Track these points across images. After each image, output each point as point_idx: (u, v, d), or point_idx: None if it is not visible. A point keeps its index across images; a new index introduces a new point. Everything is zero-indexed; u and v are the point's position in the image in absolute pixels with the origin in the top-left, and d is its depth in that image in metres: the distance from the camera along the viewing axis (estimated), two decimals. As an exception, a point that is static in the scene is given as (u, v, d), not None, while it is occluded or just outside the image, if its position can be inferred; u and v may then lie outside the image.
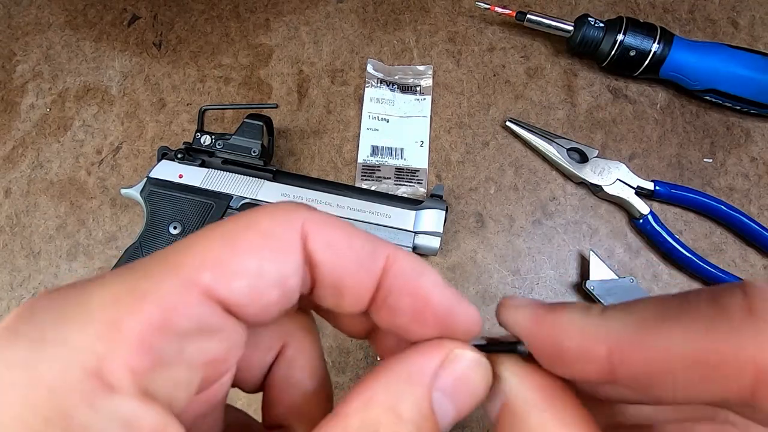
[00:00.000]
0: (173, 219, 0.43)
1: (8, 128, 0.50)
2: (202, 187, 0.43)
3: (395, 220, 0.43)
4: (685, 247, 0.44)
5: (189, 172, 0.44)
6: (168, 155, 0.45)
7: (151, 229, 0.42)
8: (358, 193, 0.44)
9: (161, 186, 0.43)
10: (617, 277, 0.43)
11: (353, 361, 0.44)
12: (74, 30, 0.53)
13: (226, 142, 0.44)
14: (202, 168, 0.44)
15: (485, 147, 0.49)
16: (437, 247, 0.43)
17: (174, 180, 0.43)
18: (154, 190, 0.43)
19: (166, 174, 0.43)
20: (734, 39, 0.52)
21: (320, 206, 0.43)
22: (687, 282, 0.46)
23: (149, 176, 0.44)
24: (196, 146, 0.44)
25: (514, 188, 0.48)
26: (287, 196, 0.44)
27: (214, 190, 0.43)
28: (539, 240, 0.47)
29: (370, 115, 0.49)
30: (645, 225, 0.45)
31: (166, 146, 0.45)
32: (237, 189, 0.44)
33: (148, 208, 0.43)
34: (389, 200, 0.44)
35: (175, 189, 0.43)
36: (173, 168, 0.44)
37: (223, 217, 0.42)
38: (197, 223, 0.43)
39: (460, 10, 0.53)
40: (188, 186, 0.43)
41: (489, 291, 0.45)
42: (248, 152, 0.44)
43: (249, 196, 0.44)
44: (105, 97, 0.51)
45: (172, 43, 0.52)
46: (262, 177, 0.44)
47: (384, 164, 0.48)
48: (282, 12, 0.53)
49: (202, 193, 0.43)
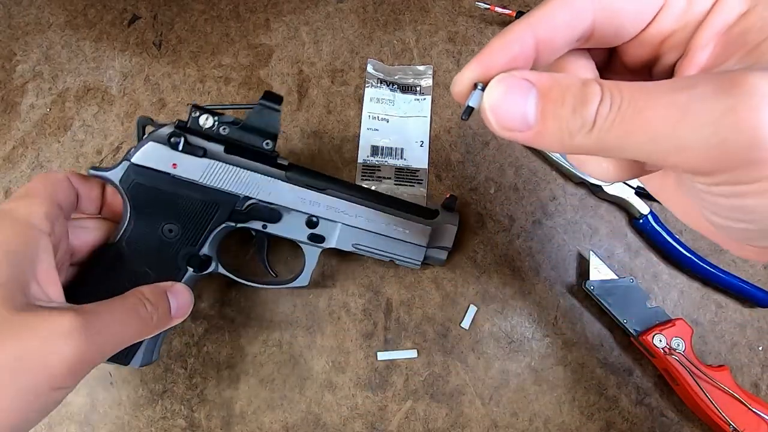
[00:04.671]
0: (167, 219, 0.35)
1: (8, 128, 0.50)
2: (202, 183, 0.36)
3: (411, 235, 0.41)
4: (685, 247, 0.44)
5: (185, 163, 0.35)
6: (156, 134, 0.35)
7: (138, 230, 0.35)
8: (375, 200, 0.40)
9: (149, 177, 0.35)
10: (617, 277, 0.43)
11: (353, 361, 0.44)
12: (74, 30, 0.53)
13: (234, 128, 0.36)
14: (202, 159, 0.35)
15: (485, 147, 0.49)
16: (444, 258, 0.43)
17: (166, 170, 0.35)
18: (140, 182, 0.34)
19: (156, 161, 0.34)
20: (734, 39, 0.52)
21: (338, 215, 0.39)
22: (687, 282, 0.46)
23: (132, 161, 0.34)
24: (194, 127, 0.35)
25: (514, 188, 0.48)
26: (304, 201, 0.38)
27: (218, 188, 0.36)
28: (539, 240, 0.47)
29: (370, 115, 0.49)
30: (645, 225, 0.45)
31: (147, 117, 0.36)
32: (245, 188, 0.37)
33: (131, 202, 0.35)
34: (405, 209, 0.41)
35: (168, 183, 0.35)
36: (165, 154, 0.35)
37: (229, 221, 0.37)
38: (198, 228, 0.36)
39: (460, 10, 0.53)
40: (184, 180, 0.35)
41: (489, 291, 0.45)
42: (259, 142, 0.36)
43: (258, 198, 0.37)
44: (105, 97, 0.50)
45: (172, 43, 0.52)
46: (274, 175, 0.37)
47: (384, 164, 0.48)
48: (282, 12, 0.53)
49: (201, 191, 0.36)
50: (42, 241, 0.28)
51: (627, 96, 0.17)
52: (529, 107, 0.18)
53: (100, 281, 0.35)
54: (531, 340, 0.45)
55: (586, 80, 0.18)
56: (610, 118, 0.17)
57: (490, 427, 0.43)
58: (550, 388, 0.44)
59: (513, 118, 0.19)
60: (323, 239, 0.40)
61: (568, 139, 0.18)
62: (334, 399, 0.43)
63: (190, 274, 0.37)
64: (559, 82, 0.19)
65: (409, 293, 0.45)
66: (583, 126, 0.18)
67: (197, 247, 0.37)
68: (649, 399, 0.43)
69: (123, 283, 0.33)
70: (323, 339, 0.44)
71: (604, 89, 0.18)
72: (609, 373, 0.44)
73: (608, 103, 0.17)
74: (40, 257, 0.28)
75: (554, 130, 0.18)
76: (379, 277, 0.46)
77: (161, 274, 0.35)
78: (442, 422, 0.43)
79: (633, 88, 0.17)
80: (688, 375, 0.40)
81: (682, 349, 0.41)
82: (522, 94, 0.19)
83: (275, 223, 0.39)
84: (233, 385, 0.43)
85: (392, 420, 0.43)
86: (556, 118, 0.18)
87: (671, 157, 0.17)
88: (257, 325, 0.44)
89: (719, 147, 0.16)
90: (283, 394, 0.43)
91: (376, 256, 0.42)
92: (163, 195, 0.35)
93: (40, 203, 0.30)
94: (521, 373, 0.44)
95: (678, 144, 0.16)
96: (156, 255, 0.36)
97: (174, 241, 0.36)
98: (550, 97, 0.18)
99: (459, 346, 0.44)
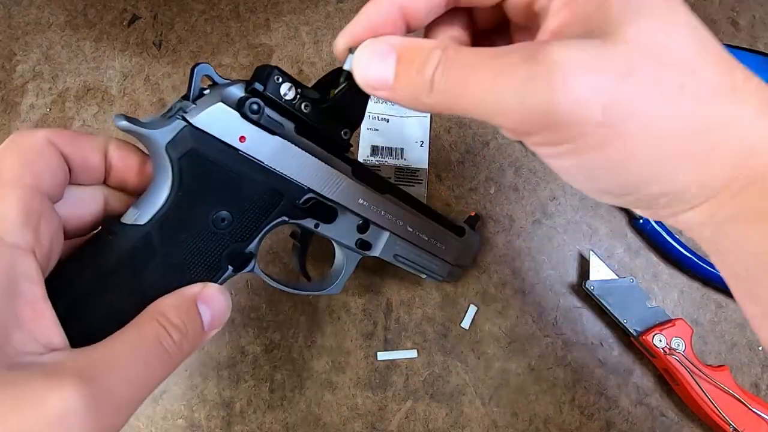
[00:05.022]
0: (223, 204, 0.27)
1: (8, 128, 0.50)
2: (268, 166, 0.28)
3: (445, 251, 0.40)
4: (685, 247, 0.44)
5: (255, 138, 0.27)
6: (225, 93, 0.26)
7: (180, 214, 0.26)
8: (423, 211, 0.38)
9: (211, 147, 0.26)
10: (617, 277, 0.43)
11: (353, 361, 0.44)
12: (74, 30, 0.53)
13: (318, 106, 0.29)
14: (275, 137, 0.28)
15: (485, 147, 0.49)
16: (460, 276, 0.44)
17: (232, 143, 0.27)
18: (198, 152, 0.26)
19: (222, 130, 0.26)
20: (734, 39, 0.52)
21: (388, 221, 0.36)
22: (687, 282, 0.46)
23: (192, 123, 0.25)
24: (273, 94, 0.27)
25: (514, 188, 0.48)
26: (363, 202, 0.34)
27: (285, 176, 0.29)
28: (539, 240, 0.47)
29: (370, 115, 0.49)
30: (645, 225, 0.45)
31: (207, 63, 0.27)
32: (312, 180, 0.30)
33: (180, 175, 0.26)
34: (442, 224, 0.40)
35: (234, 159, 0.27)
36: (234, 123, 0.27)
37: (285, 216, 0.30)
38: (255, 220, 0.29)
39: (460, 10, 0.53)
40: (251, 160, 0.28)
41: (489, 291, 0.45)
42: (338, 129, 0.30)
43: (321, 192, 0.31)
44: (105, 97, 0.50)
45: (172, 43, 0.52)
46: (341, 169, 0.32)
47: (384, 164, 0.48)
48: (282, 12, 0.53)
49: (268, 175, 0.28)
50: (21, 264, 0.20)
51: (459, 60, 0.19)
52: (388, 68, 0.21)
53: (109, 278, 0.25)
54: (531, 340, 0.45)
55: (435, 44, 0.20)
56: (444, 80, 0.19)
57: (490, 427, 0.43)
58: (550, 388, 0.44)
59: (375, 78, 0.21)
60: (370, 246, 0.37)
61: (416, 97, 0.20)
62: (334, 399, 0.43)
63: (228, 273, 0.29)
64: (413, 45, 0.21)
65: (409, 293, 0.45)
66: (424, 86, 0.20)
67: (246, 243, 0.29)
68: (649, 399, 0.43)
69: (142, 283, 0.25)
70: (323, 339, 0.44)
71: (444, 54, 0.19)
72: (609, 373, 0.44)
73: (442, 66, 0.19)
74: (20, 289, 0.20)
75: (405, 88, 0.21)
76: (379, 277, 0.46)
77: (198, 274, 0.27)
78: (442, 422, 0.43)
79: (466, 53, 0.19)
80: (688, 375, 0.40)
81: (682, 349, 0.41)
82: (382, 57, 0.21)
83: (329, 224, 0.34)
84: (233, 385, 0.43)
85: (392, 420, 0.43)
86: (406, 78, 0.20)
87: (493, 117, 0.19)
88: (257, 325, 0.44)
89: (523, 110, 0.18)
90: (283, 394, 0.43)
91: (409, 268, 0.40)
92: (225, 174, 0.27)
93: (11, 202, 0.20)
94: (521, 373, 0.44)
95: (495, 106, 0.18)
96: (199, 249, 0.27)
97: (225, 233, 0.28)
98: (403, 58, 0.21)
99: (459, 346, 0.44)
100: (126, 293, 0.25)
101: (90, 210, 0.26)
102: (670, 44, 0.17)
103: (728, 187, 0.18)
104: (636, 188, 0.19)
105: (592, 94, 0.17)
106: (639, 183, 0.18)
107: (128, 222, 0.25)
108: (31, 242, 0.20)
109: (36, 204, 0.21)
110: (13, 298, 0.19)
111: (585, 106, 0.17)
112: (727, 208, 0.18)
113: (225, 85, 0.27)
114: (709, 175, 0.18)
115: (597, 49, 0.17)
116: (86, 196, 0.25)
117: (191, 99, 0.26)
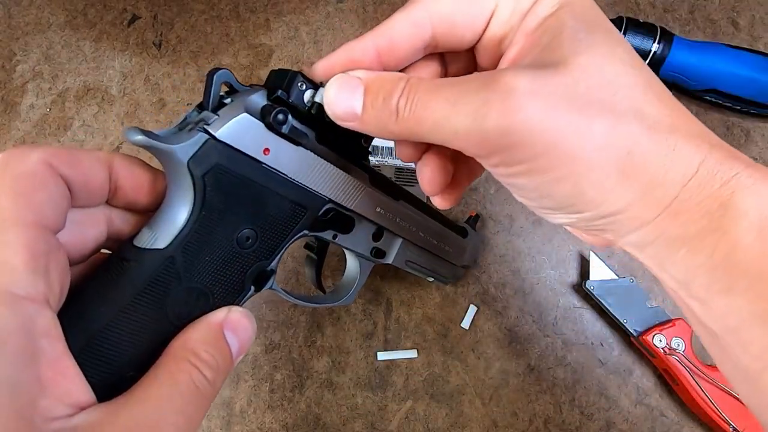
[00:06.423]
0: (248, 222, 0.25)
1: (8, 128, 0.50)
2: (292, 179, 0.26)
3: (452, 254, 0.41)
4: (685, 247, 0.44)
5: (279, 150, 0.25)
6: (249, 102, 0.24)
7: (204, 234, 0.24)
8: (431, 215, 0.38)
9: (236, 162, 0.24)
10: (617, 277, 0.43)
11: (353, 360, 0.44)
12: (74, 30, 0.53)
13: None
14: (298, 147, 0.26)
15: (485, 147, 0.49)
16: (462, 276, 0.45)
17: (256, 156, 0.25)
18: (224, 168, 0.24)
19: (247, 143, 0.24)
20: (734, 39, 0.52)
21: (401, 228, 0.35)
22: (687, 282, 0.46)
23: (216, 136, 0.23)
24: (297, 103, 0.25)
25: (514, 188, 0.48)
26: (382, 212, 0.33)
27: (308, 188, 0.27)
28: (539, 240, 0.47)
29: (370, 115, 0.49)
30: (645, 225, 0.45)
31: (226, 69, 0.24)
32: (334, 191, 0.29)
33: (204, 193, 0.23)
34: (448, 226, 0.40)
35: (259, 174, 0.25)
36: (259, 134, 0.24)
37: (307, 230, 0.29)
38: (279, 236, 0.27)
39: (460, 10, 0.53)
40: (275, 173, 0.26)
41: (489, 291, 0.45)
42: (358, 136, 0.29)
43: (340, 202, 0.29)
44: (105, 97, 0.51)
45: (172, 43, 0.52)
46: (359, 177, 0.30)
47: (384, 164, 0.48)
48: (282, 12, 0.53)
49: (291, 189, 0.27)
50: (38, 320, 0.17)
51: (421, 89, 0.20)
52: (356, 100, 0.22)
53: (128, 310, 0.22)
54: (531, 340, 0.45)
55: (400, 76, 0.21)
56: (408, 108, 0.20)
57: (490, 427, 0.43)
58: (550, 388, 0.44)
59: (343, 110, 0.22)
60: (384, 254, 0.36)
61: (384, 126, 0.22)
62: (334, 399, 0.43)
63: (250, 293, 0.27)
64: (380, 77, 0.22)
65: (409, 293, 0.45)
66: (391, 114, 0.21)
67: (269, 261, 0.28)
68: (649, 399, 0.43)
69: (166, 312, 0.23)
70: (323, 339, 0.44)
71: (407, 84, 0.21)
72: (609, 373, 0.44)
73: (406, 95, 0.21)
74: (41, 349, 0.17)
75: (372, 118, 0.22)
76: (379, 277, 0.46)
77: (221, 298, 0.25)
78: (442, 422, 0.43)
79: (427, 83, 0.21)
80: (688, 375, 0.40)
81: (682, 349, 0.41)
82: (350, 90, 0.22)
83: (346, 234, 0.32)
84: (233, 385, 0.43)
85: (392, 420, 0.43)
86: (373, 108, 0.22)
87: (452, 141, 0.20)
88: (257, 325, 0.44)
89: (481, 133, 0.19)
90: (283, 394, 0.43)
91: (418, 273, 0.40)
92: (250, 190, 0.25)
93: (16, 247, 0.17)
94: (521, 373, 0.44)
95: (452, 130, 0.20)
96: (223, 271, 0.25)
97: (249, 252, 0.26)
98: (371, 90, 0.22)
99: (459, 346, 0.44)
100: (148, 326, 0.22)
101: (93, 234, 0.23)
102: (615, 77, 0.19)
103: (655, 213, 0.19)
104: (570, 208, 0.20)
105: (542, 117, 0.18)
106: (570, 204, 0.20)
107: (144, 246, 0.23)
108: (43, 291, 0.18)
109: (42, 244, 0.18)
110: (34, 362, 0.17)
111: (535, 128, 0.18)
112: (651, 233, 0.19)
113: (246, 92, 0.25)
114: (637, 202, 0.19)
115: (548, 78, 0.18)
116: (88, 219, 0.23)
117: (210, 108, 0.24)
